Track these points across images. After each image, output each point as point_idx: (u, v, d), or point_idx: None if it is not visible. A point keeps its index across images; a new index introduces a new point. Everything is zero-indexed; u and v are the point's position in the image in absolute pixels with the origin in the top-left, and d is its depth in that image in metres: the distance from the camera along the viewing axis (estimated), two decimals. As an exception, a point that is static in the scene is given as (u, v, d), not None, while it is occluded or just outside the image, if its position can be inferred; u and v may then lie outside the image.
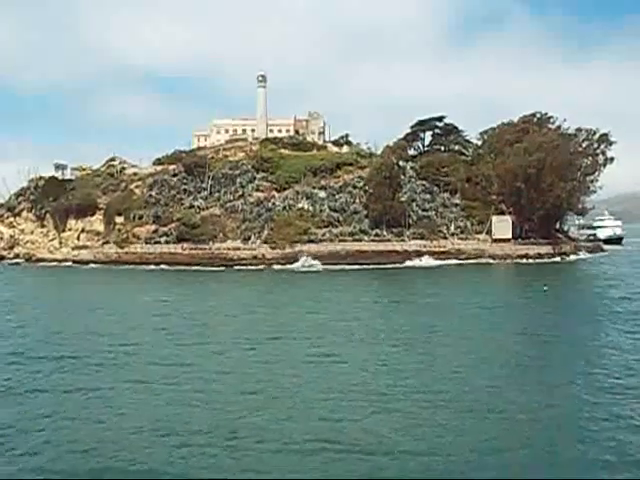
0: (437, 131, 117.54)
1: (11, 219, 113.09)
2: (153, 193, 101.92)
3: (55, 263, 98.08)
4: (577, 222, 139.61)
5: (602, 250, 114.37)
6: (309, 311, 44.50)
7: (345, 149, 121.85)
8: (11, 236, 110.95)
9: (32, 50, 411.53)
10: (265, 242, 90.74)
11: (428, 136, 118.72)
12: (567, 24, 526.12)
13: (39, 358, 30.18)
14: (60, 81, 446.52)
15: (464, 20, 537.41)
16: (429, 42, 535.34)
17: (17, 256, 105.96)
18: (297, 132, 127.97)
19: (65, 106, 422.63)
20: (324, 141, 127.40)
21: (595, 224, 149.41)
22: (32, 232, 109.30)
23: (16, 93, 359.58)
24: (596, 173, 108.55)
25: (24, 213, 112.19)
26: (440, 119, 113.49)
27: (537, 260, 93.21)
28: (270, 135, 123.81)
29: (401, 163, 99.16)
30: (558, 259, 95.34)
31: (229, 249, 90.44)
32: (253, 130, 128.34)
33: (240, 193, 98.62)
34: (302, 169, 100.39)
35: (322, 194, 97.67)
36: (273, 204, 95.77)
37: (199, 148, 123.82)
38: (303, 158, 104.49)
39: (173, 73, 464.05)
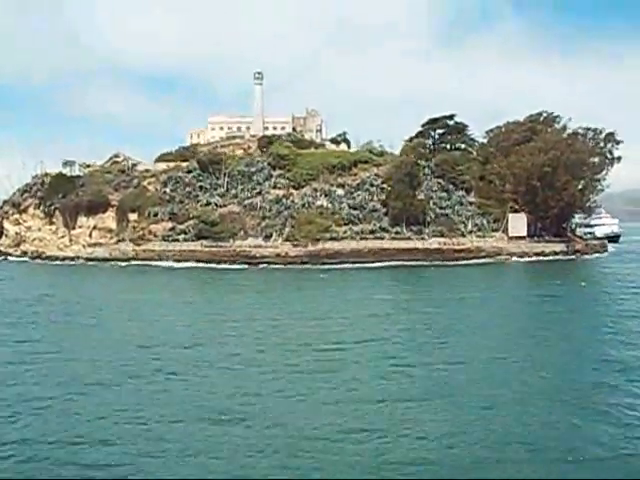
0: (443, 130, 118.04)
1: (16, 216, 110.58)
2: (167, 190, 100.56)
3: (67, 261, 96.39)
4: (575, 220, 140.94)
5: (606, 249, 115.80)
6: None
7: (343, 147, 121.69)
8: (17, 233, 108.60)
9: (17, 43, 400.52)
10: (287, 240, 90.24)
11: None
12: (553, 24, 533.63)
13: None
14: (45, 76, 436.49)
15: (452, 21, 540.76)
16: (417, 43, 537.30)
17: (25, 253, 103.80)
18: (294, 129, 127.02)
19: (51, 102, 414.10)
20: (322, 139, 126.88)
21: (592, 222, 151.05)
22: (40, 229, 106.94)
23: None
24: (603, 172, 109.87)
25: (30, 210, 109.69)
26: (451, 117, 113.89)
27: (553, 258, 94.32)
28: (266, 132, 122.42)
29: (419, 161, 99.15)
30: (573, 257, 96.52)
31: (251, 247, 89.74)
32: (248, 127, 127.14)
33: (258, 190, 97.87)
34: (318, 166, 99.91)
35: (340, 192, 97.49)
36: (292, 201, 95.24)
37: (194, 145, 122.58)
38: (318, 156, 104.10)
39: (161, 71, 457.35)
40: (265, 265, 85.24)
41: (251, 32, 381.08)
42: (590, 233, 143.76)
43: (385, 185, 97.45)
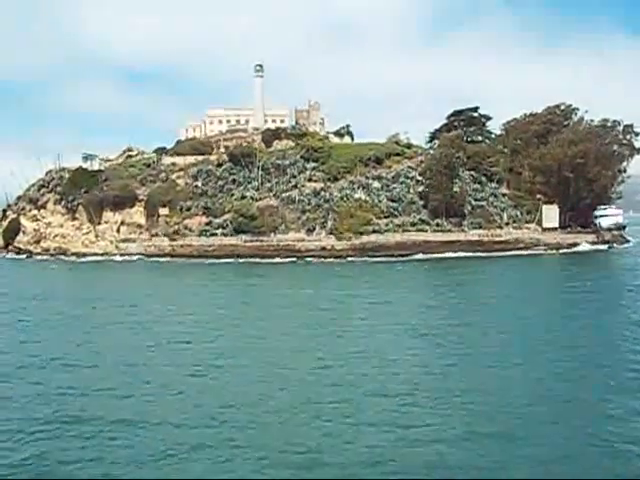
0: (461, 122, 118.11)
1: (34, 212, 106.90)
2: (199, 184, 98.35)
3: (98, 257, 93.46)
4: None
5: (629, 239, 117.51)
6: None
7: (347, 140, 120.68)
8: (35, 230, 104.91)
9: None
10: (330, 233, 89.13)
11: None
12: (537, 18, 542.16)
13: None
14: (27, 69, 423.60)
15: (440, 16, 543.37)
16: (403, 35, 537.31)
17: (46, 251, 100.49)
18: (297, 122, 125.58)
19: (32, 96, 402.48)
20: (326, 132, 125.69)
21: (597, 213, 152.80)
22: (62, 225, 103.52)
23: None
24: (624, 163, 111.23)
25: (50, 205, 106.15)
26: (475, 109, 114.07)
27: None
28: (266, 126, 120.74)
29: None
30: (604, 247, 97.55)
31: (295, 240, 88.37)
32: (247, 121, 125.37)
33: (293, 183, 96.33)
34: (353, 159, 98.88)
35: (377, 184, 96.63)
36: (330, 194, 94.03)
37: (191, 139, 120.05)
38: (352, 148, 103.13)
39: (147, 64, 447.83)
40: (313, 259, 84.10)
41: (244, 27, 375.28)
42: (595, 224, 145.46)
43: (420, 177, 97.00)
